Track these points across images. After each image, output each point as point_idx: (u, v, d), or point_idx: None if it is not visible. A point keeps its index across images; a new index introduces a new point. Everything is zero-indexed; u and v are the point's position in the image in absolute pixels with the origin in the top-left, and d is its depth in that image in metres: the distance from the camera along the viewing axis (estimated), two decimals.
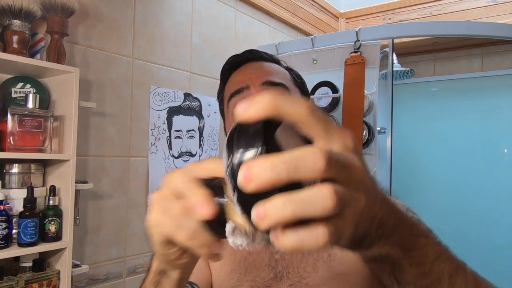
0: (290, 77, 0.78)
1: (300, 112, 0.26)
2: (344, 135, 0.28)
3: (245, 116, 0.27)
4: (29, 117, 1.13)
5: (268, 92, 0.27)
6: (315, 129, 0.27)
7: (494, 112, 2.39)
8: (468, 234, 2.37)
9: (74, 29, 1.38)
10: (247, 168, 0.24)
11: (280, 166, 0.24)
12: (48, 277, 1.17)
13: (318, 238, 0.25)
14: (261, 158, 0.25)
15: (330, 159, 0.25)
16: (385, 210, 0.33)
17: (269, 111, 0.26)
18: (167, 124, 1.72)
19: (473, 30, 1.76)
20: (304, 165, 0.24)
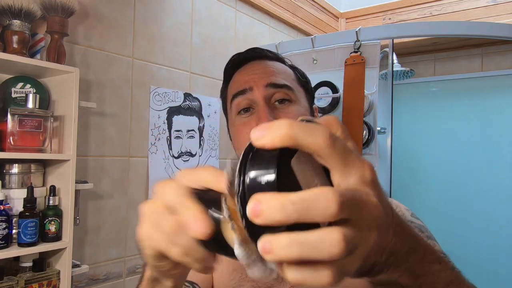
0: (294, 76, 0.77)
1: (318, 143, 0.25)
2: (362, 167, 0.27)
3: (260, 143, 0.26)
4: (29, 117, 1.13)
5: (285, 121, 0.26)
6: (333, 160, 0.26)
7: (494, 112, 2.39)
8: (468, 234, 2.37)
9: (74, 29, 1.38)
10: (256, 201, 0.24)
11: (290, 207, 0.23)
12: (48, 277, 1.17)
13: (322, 278, 0.25)
14: (271, 194, 0.24)
15: (343, 203, 0.24)
16: (398, 238, 0.32)
17: (286, 140, 0.25)
18: (167, 124, 1.72)
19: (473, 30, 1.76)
20: (315, 209, 0.23)
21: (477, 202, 2.36)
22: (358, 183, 0.27)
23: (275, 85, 0.70)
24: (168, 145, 1.72)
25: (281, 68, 0.76)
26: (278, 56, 0.80)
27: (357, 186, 0.27)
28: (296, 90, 0.73)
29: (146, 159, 1.62)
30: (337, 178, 0.27)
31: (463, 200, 2.40)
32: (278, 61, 0.78)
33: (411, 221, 0.67)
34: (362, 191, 0.27)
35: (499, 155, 2.36)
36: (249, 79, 0.72)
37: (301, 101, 0.74)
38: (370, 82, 1.68)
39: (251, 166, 0.26)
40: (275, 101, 0.71)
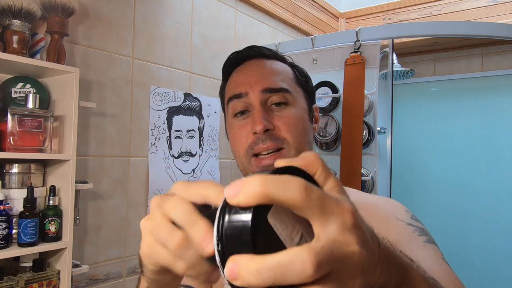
0: (293, 76, 0.76)
1: (293, 198, 0.25)
2: (341, 213, 0.27)
3: (234, 202, 0.26)
4: (29, 117, 1.13)
5: (258, 178, 0.25)
6: (310, 212, 0.26)
7: (494, 112, 2.39)
8: (468, 234, 2.37)
9: (74, 29, 1.38)
10: (233, 264, 0.24)
11: (266, 273, 0.23)
12: (48, 277, 1.17)
13: None
14: (248, 258, 0.24)
15: (320, 262, 0.24)
16: (387, 272, 0.31)
17: (260, 198, 0.25)
18: (167, 124, 1.72)
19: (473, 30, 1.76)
20: (291, 273, 0.23)
21: (477, 202, 2.36)
22: (339, 232, 0.26)
23: (271, 89, 0.70)
24: (168, 145, 1.72)
25: (278, 68, 0.75)
26: (276, 54, 0.79)
27: (337, 235, 0.26)
28: (293, 91, 0.73)
29: (146, 159, 1.62)
30: (317, 228, 0.26)
31: (463, 200, 2.40)
32: (277, 59, 0.77)
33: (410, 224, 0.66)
34: (342, 242, 0.26)
35: (499, 155, 2.36)
36: (245, 81, 0.72)
37: (299, 102, 0.73)
38: (370, 82, 1.68)
39: (228, 224, 0.26)
40: (271, 103, 0.71)
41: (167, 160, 1.72)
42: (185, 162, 1.80)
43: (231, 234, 0.26)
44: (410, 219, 0.67)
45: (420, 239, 0.62)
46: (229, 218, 0.26)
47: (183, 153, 1.79)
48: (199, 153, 1.86)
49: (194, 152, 1.84)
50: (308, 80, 0.79)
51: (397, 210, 0.69)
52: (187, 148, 1.81)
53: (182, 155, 1.78)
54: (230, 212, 0.26)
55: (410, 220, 0.67)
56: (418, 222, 0.67)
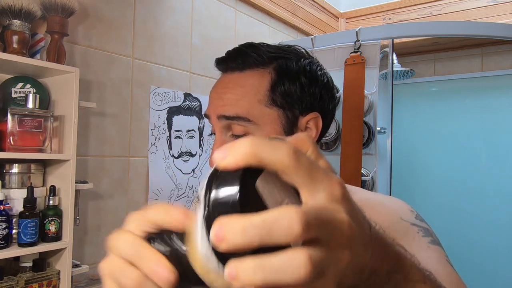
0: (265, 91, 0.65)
1: (282, 160, 0.24)
2: (331, 183, 0.26)
3: (222, 165, 0.25)
4: (29, 117, 1.13)
5: (248, 139, 0.25)
6: (298, 177, 0.25)
7: (494, 112, 2.39)
8: (468, 233, 2.37)
9: (74, 29, 1.38)
10: (219, 226, 0.23)
11: (252, 231, 0.22)
12: (48, 277, 1.17)
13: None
14: (234, 217, 0.23)
15: (308, 222, 0.23)
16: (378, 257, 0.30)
17: (248, 159, 0.24)
18: (167, 124, 1.72)
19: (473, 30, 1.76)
20: (278, 230, 0.22)
21: (477, 202, 2.36)
22: (327, 200, 0.26)
23: (227, 117, 0.65)
24: (168, 145, 1.72)
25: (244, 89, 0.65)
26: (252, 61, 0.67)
27: (326, 203, 0.25)
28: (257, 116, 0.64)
29: (146, 159, 1.62)
30: (305, 196, 0.26)
31: (463, 200, 2.40)
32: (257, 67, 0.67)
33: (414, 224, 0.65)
34: (331, 209, 0.25)
35: (499, 155, 2.36)
36: (210, 103, 0.69)
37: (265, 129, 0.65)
38: (370, 82, 1.68)
39: (215, 189, 0.25)
40: (232, 134, 0.66)
41: (167, 160, 1.72)
42: (185, 162, 1.80)
43: (218, 199, 0.25)
44: (415, 219, 0.66)
45: (424, 240, 0.61)
46: (216, 183, 0.25)
47: (183, 153, 1.79)
48: (199, 153, 1.86)
49: (194, 152, 1.84)
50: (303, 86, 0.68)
51: (401, 210, 0.68)
52: (187, 148, 1.81)
53: (182, 155, 1.78)
54: (219, 177, 0.25)
55: (415, 220, 0.66)
56: (423, 222, 0.66)
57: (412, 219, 0.66)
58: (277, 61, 0.68)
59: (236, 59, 0.68)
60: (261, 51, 0.68)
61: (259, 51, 0.68)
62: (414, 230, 0.63)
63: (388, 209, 0.67)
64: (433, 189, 2.53)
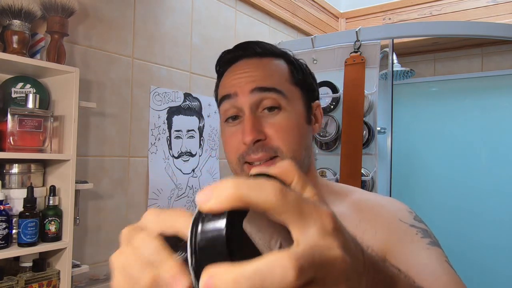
0: (288, 74, 0.71)
1: (268, 201, 0.24)
2: (320, 216, 0.25)
3: (207, 208, 0.24)
4: (29, 117, 1.13)
5: (230, 181, 0.24)
6: (287, 216, 0.24)
7: (494, 112, 2.39)
8: (468, 233, 2.37)
9: (74, 29, 1.38)
10: (208, 276, 0.22)
11: (244, 282, 0.22)
12: (48, 277, 1.17)
13: None
14: (224, 268, 0.22)
15: (302, 267, 0.22)
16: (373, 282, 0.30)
17: (234, 202, 0.23)
18: (167, 124, 1.72)
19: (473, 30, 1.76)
20: (271, 279, 0.22)
21: (477, 202, 2.36)
22: (319, 236, 0.25)
23: (261, 89, 0.66)
24: (168, 145, 1.72)
25: (271, 68, 0.70)
26: (270, 50, 0.73)
27: (318, 240, 0.25)
28: (288, 92, 0.68)
29: (146, 159, 1.62)
30: (296, 233, 0.25)
31: (463, 200, 2.40)
32: (272, 56, 0.72)
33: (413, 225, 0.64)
34: (323, 246, 0.25)
35: (499, 155, 2.36)
36: (235, 82, 0.69)
37: (294, 105, 0.69)
38: (370, 82, 1.68)
39: (201, 234, 0.24)
40: (263, 109, 0.67)
41: (167, 160, 1.72)
42: (185, 162, 1.80)
43: (205, 245, 0.24)
44: (413, 220, 0.66)
45: (423, 242, 0.61)
46: (202, 227, 0.24)
47: (183, 153, 1.79)
48: (199, 153, 1.86)
49: (194, 152, 1.84)
50: (306, 77, 0.74)
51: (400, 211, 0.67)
52: (187, 148, 1.81)
53: (182, 155, 1.78)
54: (203, 221, 0.24)
55: (413, 221, 0.65)
56: (422, 223, 0.66)
57: (411, 220, 0.66)
58: (283, 56, 0.74)
59: (254, 47, 0.72)
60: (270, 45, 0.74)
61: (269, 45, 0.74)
62: (413, 232, 0.63)
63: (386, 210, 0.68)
64: (433, 189, 2.53)
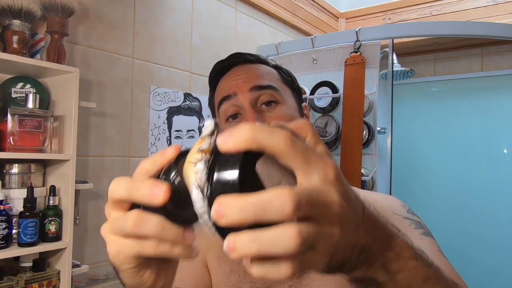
0: (278, 76, 0.76)
1: (279, 144, 0.27)
2: (324, 166, 0.28)
3: (224, 148, 0.27)
4: (29, 117, 1.13)
5: (248, 125, 0.27)
6: (294, 160, 0.27)
7: (494, 112, 2.39)
8: (468, 233, 2.37)
9: (74, 29, 1.38)
10: (219, 204, 0.25)
11: (248, 208, 0.25)
12: (48, 277, 1.17)
13: (281, 272, 0.26)
14: (233, 197, 0.25)
15: (299, 202, 0.25)
16: (370, 235, 0.32)
17: (248, 143, 0.26)
18: (167, 124, 1.72)
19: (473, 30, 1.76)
20: (271, 209, 0.25)
21: (477, 202, 2.36)
22: (321, 182, 0.28)
23: (259, 87, 0.70)
24: (168, 145, 1.72)
25: (263, 70, 0.75)
26: (260, 58, 0.79)
27: (319, 185, 0.28)
28: (281, 90, 0.73)
29: None
30: (300, 177, 0.28)
31: (463, 199, 2.41)
32: (260, 63, 0.78)
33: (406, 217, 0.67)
34: (322, 190, 0.27)
35: (499, 155, 2.36)
36: (233, 84, 0.73)
37: (288, 100, 0.74)
38: (370, 82, 1.68)
39: (218, 171, 0.28)
40: (261, 104, 0.71)
41: None
42: None
43: (220, 179, 0.27)
44: (407, 213, 0.68)
45: (416, 232, 0.64)
46: (218, 164, 0.28)
47: None
48: None
49: None
50: (294, 80, 0.80)
51: (393, 205, 0.70)
52: (187, 148, 1.81)
53: None
54: (220, 159, 0.28)
55: (407, 214, 0.68)
56: (415, 216, 0.68)
57: (404, 213, 0.68)
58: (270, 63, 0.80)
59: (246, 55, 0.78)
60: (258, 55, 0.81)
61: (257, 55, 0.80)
62: (406, 223, 0.66)
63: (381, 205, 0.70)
64: (433, 189, 2.53)
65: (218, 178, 0.27)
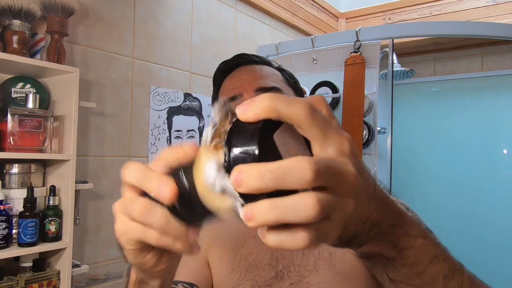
0: (282, 78, 0.78)
1: (298, 114, 0.27)
2: (341, 139, 0.28)
3: (244, 117, 0.27)
4: (29, 117, 1.13)
5: (267, 94, 0.27)
6: (312, 131, 0.27)
7: (494, 112, 2.39)
8: (468, 233, 2.37)
9: (74, 29, 1.38)
10: (238, 172, 0.25)
11: (268, 176, 0.25)
12: (48, 277, 1.17)
13: (298, 241, 0.26)
14: (252, 164, 0.25)
15: (318, 170, 0.25)
16: (381, 211, 0.33)
17: (268, 112, 0.27)
18: (167, 124, 1.72)
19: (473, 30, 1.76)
20: (291, 177, 0.25)
21: (477, 202, 2.36)
22: (337, 154, 0.28)
23: (264, 88, 0.71)
24: (168, 145, 1.72)
25: (268, 71, 0.77)
26: (264, 60, 0.81)
27: (335, 156, 0.28)
28: (285, 91, 0.74)
29: (146, 159, 1.62)
30: (317, 148, 0.28)
31: (463, 199, 2.41)
32: (265, 65, 0.79)
33: None
34: (339, 161, 0.28)
35: (499, 155, 2.36)
36: (238, 85, 0.73)
37: None
38: (370, 82, 1.68)
39: (236, 139, 0.27)
40: None
41: None
42: None
43: (238, 147, 0.27)
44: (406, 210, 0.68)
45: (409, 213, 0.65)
46: (237, 133, 0.28)
47: None
48: None
49: None
50: (296, 82, 0.81)
51: None
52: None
53: None
54: (240, 128, 0.28)
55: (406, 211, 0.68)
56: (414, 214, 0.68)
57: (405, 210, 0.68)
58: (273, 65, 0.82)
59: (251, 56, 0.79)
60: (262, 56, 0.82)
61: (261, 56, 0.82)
62: None
63: None
64: (433, 188, 2.53)
65: (237, 147, 0.27)
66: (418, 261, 0.38)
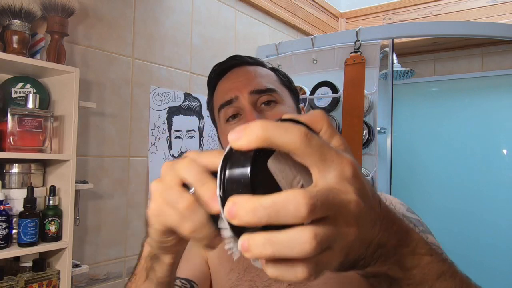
0: (276, 78, 0.78)
1: (293, 143, 0.26)
2: (341, 163, 0.27)
3: (236, 145, 0.26)
4: (29, 117, 1.13)
5: (260, 122, 0.26)
6: (309, 158, 0.26)
7: (494, 112, 2.39)
8: (468, 233, 2.37)
9: (74, 29, 1.38)
10: (232, 204, 0.25)
11: (261, 211, 0.24)
12: (48, 277, 1.17)
13: (297, 274, 0.26)
14: (246, 197, 0.25)
15: (314, 205, 0.24)
16: (386, 231, 0.32)
17: (261, 141, 0.26)
18: (167, 124, 1.72)
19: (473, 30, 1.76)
20: (285, 212, 0.24)
21: (477, 202, 2.36)
22: (337, 180, 0.27)
23: (259, 91, 0.71)
24: (168, 145, 1.72)
25: (262, 72, 0.76)
26: (258, 61, 0.80)
27: (335, 183, 0.27)
28: (280, 91, 0.74)
29: (146, 159, 1.62)
30: (316, 176, 0.27)
31: (463, 199, 2.40)
32: (259, 66, 0.79)
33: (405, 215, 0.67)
34: (338, 189, 0.27)
35: (499, 155, 2.36)
36: (233, 87, 0.73)
37: (286, 101, 0.75)
38: (370, 82, 1.68)
39: (229, 169, 0.27)
40: (261, 104, 0.72)
41: (167, 160, 1.72)
42: None
43: (232, 177, 0.27)
44: (406, 211, 0.69)
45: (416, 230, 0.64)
46: (231, 162, 0.27)
47: (183, 153, 1.79)
48: None
49: None
50: (291, 82, 0.81)
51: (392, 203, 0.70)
52: (187, 148, 1.81)
53: (182, 155, 1.78)
54: (233, 157, 0.27)
55: (406, 212, 0.68)
56: (414, 214, 0.68)
57: (404, 211, 0.69)
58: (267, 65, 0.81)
59: (245, 58, 0.79)
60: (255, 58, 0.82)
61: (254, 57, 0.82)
62: None
63: None
64: (433, 188, 2.53)
65: (230, 176, 0.27)
66: (425, 280, 0.36)
